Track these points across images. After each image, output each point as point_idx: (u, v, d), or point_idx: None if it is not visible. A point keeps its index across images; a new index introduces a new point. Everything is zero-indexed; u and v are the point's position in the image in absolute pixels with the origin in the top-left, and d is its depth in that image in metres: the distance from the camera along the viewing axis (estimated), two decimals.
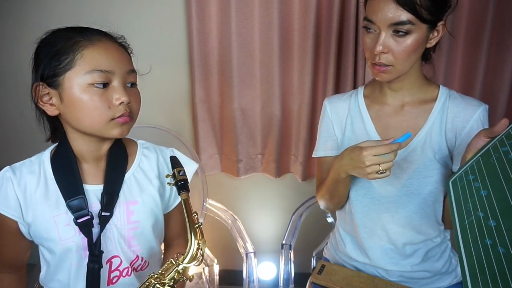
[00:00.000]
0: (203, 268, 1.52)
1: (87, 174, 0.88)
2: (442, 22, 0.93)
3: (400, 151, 1.01)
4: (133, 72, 0.84)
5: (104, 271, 0.87)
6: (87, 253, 0.84)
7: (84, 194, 0.85)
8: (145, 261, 0.95)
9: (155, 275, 0.80)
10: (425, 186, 1.01)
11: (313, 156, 1.18)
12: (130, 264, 0.92)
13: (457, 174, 0.78)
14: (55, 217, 0.85)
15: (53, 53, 0.78)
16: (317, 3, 1.50)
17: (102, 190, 0.88)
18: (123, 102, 0.80)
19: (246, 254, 1.32)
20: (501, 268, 0.50)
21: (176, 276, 0.79)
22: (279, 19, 1.54)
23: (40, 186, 0.86)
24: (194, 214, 0.81)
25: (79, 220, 0.84)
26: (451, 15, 0.96)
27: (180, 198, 0.84)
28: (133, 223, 0.90)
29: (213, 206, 1.56)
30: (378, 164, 0.87)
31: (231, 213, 1.51)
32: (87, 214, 0.84)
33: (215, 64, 1.64)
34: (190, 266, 0.80)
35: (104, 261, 0.87)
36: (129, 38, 0.89)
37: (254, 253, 1.32)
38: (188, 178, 0.97)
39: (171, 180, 0.87)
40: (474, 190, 0.68)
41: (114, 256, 0.89)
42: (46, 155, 0.90)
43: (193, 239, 0.79)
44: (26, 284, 0.99)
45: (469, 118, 0.98)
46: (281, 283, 1.26)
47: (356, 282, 1.05)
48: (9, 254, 0.92)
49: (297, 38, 1.58)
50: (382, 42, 0.90)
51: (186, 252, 0.79)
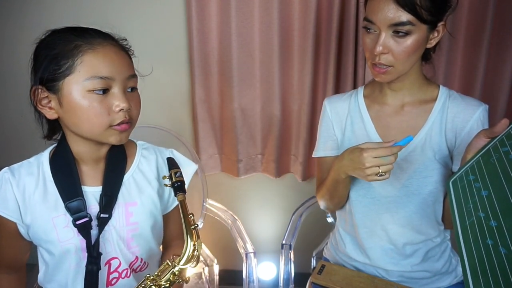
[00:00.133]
0: (203, 268, 1.52)
1: (85, 176, 0.88)
2: (442, 23, 0.93)
3: (400, 151, 1.01)
4: (133, 77, 0.83)
5: (103, 272, 0.87)
6: (86, 254, 0.84)
7: (83, 196, 0.85)
8: (144, 262, 0.94)
9: (151, 277, 0.79)
10: (425, 186, 1.01)
11: (313, 156, 1.18)
12: (129, 266, 0.91)
13: (457, 174, 0.78)
14: (54, 218, 0.84)
15: (52, 56, 0.76)
16: (317, 3, 1.49)
17: (100, 192, 0.87)
18: (123, 109, 0.78)
19: (246, 254, 1.32)
20: (503, 268, 0.49)
21: (172, 277, 0.79)
22: (279, 19, 1.54)
23: (38, 188, 0.86)
24: (191, 216, 0.81)
25: (78, 222, 0.83)
26: (451, 15, 0.96)
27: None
28: (132, 224, 0.90)
29: (213, 206, 1.56)
30: (378, 166, 0.87)
31: (231, 213, 1.51)
32: (86, 216, 0.84)
33: (215, 64, 1.64)
34: (186, 268, 0.79)
35: (103, 262, 0.86)
36: (129, 38, 0.88)
37: (254, 253, 1.32)
38: (188, 179, 0.96)
39: (168, 181, 0.86)
40: (474, 190, 0.68)
41: (113, 258, 0.89)
42: (45, 156, 0.89)
43: (189, 241, 0.79)
44: (26, 284, 0.98)
45: (469, 118, 0.98)
46: (281, 283, 1.26)
47: (356, 282, 1.05)
48: (9, 255, 0.91)
49: (297, 38, 1.58)
50: (382, 43, 0.90)
51: (182, 253, 0.79)
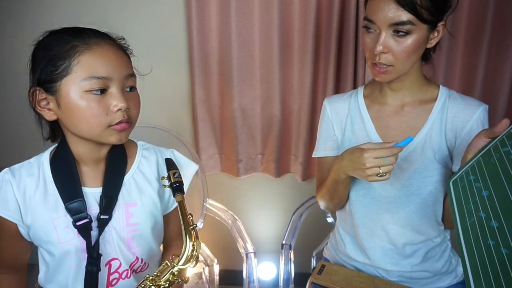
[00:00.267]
0: (203, 268, 1.52)
1: (86, 177, 0.88)
2: (442, 23, 0.93)
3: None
4: (132, 76, 0.82)
5: (103, 273, 0.86)
6: (86, 255, 0.84)
7: (83, 197, 0.85)
8: (145, 262, 0.94)
9: (151, 277, 0.79)
10: (425, 186, 1.01)
11: (313, 156, 1.18)
12: (130, 266, 0.91)
13: (458, 174, 0.78)
14: (54, 219, 0.84)
15: (49, 57, 0.76)
16: (317, 3, 1.49)
17: (101, 193, 0.87)
18: (121, 109, 0.78)
19: (246, 254, 1.32)
20: (504, 269, 0.49)
21: (171, 278, 0.79)
22: (279, 19, 1.54)
23: (39, 189, 0.85)
24: (189, 216, 0.81)
25: (78, 223, 0.83)
26: (451, 15, 0.96)
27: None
28: (133, 225, 0.90)
29: (213, 206, 1.56)
30: (378, 167, 0.87)
31: (231, 213, 1.51)
32: (86, 217, 0.84)
33: (215, 64, 1.64)
34: (185, 268, 0.79)
35: (103, 263, 0.86)
36: (129, 38, 0.87)
37: (254, 253, 1.32)
38: (189, 179, 0.96)
39: (166, 182, 0.86)
40: (475, 190, 0.67)
41: (113, 259, 0.89)
42: (45, 157, 0.89)
43: (188, 241, 0.78)
44: (26, 284, 0.98)
45: (469, 118, 0.98)
46: (281, 283, 1.26)
47: (356, 282, 1.05)
48: (9, 255, 0.91)
49: (297, 38, 1.58)
50: (382, 42, 0.90)
51: (181, 254, 0.79)
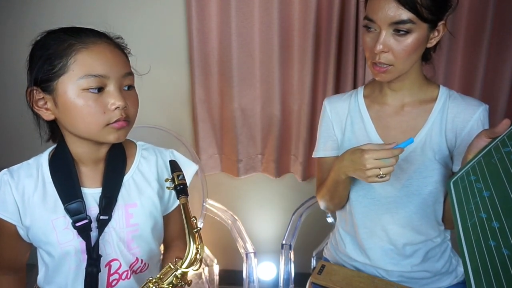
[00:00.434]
0: (203, 268, 1.52)
1: (85, 177, 0.87)
2: (442, 22, 0.93)
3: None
4: (129, 74, 0.82)
5: (103, 274, 0.86)
6: (86, 256, 0.84)
7: (82, 198, 0.84)
8: (145, 263, 0.94)
9: (154, 280, 0.79)
10: (425, 187, 1.01)
11: (313, 156, 1.18)
12: (130, 267, 0.91)
13: (458, 175, 0.78)
14: (53, 220, 0.84)
15: (46, 56, 0.76)
16: (317, 3, 1.49)
17: (100, 194, 0.87)
18: (119, 107, 0.77)
19: (246, 254, 1.32)
20: (506, 270, 0.49)
21: (174, 280, 0.79)
22: (279, 19, 1.54)
23: (38, 190, 0.85)
24: (193, 219, 0.80)
25: (77, 224, 0.83)
26: (451, 15, 0.96)
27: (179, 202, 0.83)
28: (132, 226, 0.89)
29: (213, 206, 1.56)
30: (378, 168, 0.87)
31: (231, 213, 1.50)
32: (85, 218, 0.84)
33: (215, 64, 1.64)
34: (188, 271, 0.79)
35: (103, 264, 0.86)
36: (129, 38, 0.87)
37: (254, 253, 1.32)
38: (189, 180, 0.96)
39: (170, 184, 0.86)
40: (476, 191, 0.67)
41: (113, 260, 0.89)
42: (44, 158, 0.89)
43: (191, 244, 0.78)
44: (26, 285, 0.98)
45: (469, 118, 0.98)
46: (281, 283, 1.26)
47: (356, 282, 1.05)
48: (8, 256, 0.91)
49: (297, 38, 1.58)
50: (383, 41, 0.90)
51: (185, 257, 0.78)
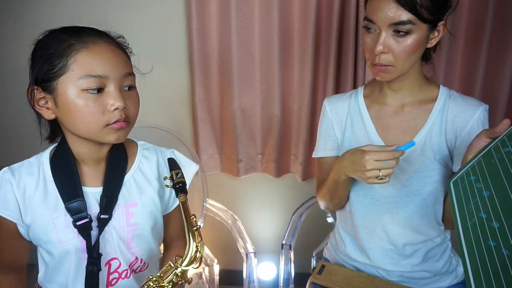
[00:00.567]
0: (203, 268, 1.52)
1: (86, 176, 0.87)
2: (442, 22, 0.93)
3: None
4: (130, 75, 0.81)
5: (103, 273, 0.86)
6: (86, 255, 0.84)
7: (83, 197, 0.84)
8: (144, 262, 0.94)
9: (154, 278, 0.79)
10: (425, 187, 1.01)
11: (313, 156, 1.18)
12: (129, 266, 0.91)
13: (458, 175, 0.78)
14: (54, 219, 0.84)
15: (46, 56, 0.76)
16: (317, 3, 1.49)
17: (101, 193, 0.87)
18: (118, 108, 0.77)
19: (246, 254, 1.32)
20: (506, 270, 0.49)
21: (174, 279, 0.79)
22: (279, 19, 1.54)
23: (39, 188, 0.85)
24: (193, 217, 0.80)
25: (78, 223, 0.83)
26: (451, 15, 0.96)
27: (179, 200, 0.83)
28: (133, 225, 0.89)
29: (213, 206, 1.56)
30: (378, 170, 0.87)
31: (231, 213, 1.50)
32: (86, 217, 0.84)
33: (215, 64, 1.64)
34: (188, 269, 0.79)
35: (103, 263, 0.86)
36: (129, 38, 0.87)
37: (254, 253, 1.32)
38: (189, 180, 0.96)
39: (169, 182, 0.86)
40: (476, 191, 0.67)
41: (113, 258, 0.89)
42: (45, 156, 0.89)
43: (191, 242, 0.78)
44: (26, 284, 0.98)
45: (469, 118, 0.98)
46: (281, 283, 1.26)
47: (356, 282, 1.05)
48: (9, 255, 0.91)
49: (297, 38, 1.58)
50: (383, 42, 0.90)
51: (185, 255, 0.78)
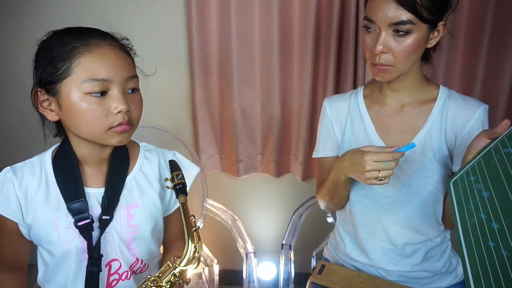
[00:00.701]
0: (203, 268, 1.52)
1: (88, 177, 0.88)
2: (442, 22, 0.93)
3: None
4: (133, 77, 0.81)
5: (103, 274, 0.86)
6: (87, 256, 0.84)
7: (85, 197, 0.84)
8: (145, 263, 0.94)
9: (152, 278, 0.79)
10: (425, 187, 1.01)
11: (313, 156, 1.18)
12: (130, 268, 0.91)
13: (458, 175, 0.78)
14: (56, 219, 0.84)
15: (50, 58, 0.76)
16: (317, 3, 1.49)
17: (103, 194, 0.87)
18: (121, 111, 0.77)
19: (246, 254, 1.32)
20: (505, 271, 0.49)
21: (172, 279, 0.79)
22: (279, 19, 1.54)
23: (41, 188, 0.85)
24: (192, 218, 0.81)
25: (79, 223, 0.83)
26: (451, 15, 0.96)
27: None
28: (133, 226, 0.90)
29: (213, 206, 1.56)
30: (378, 171, 0.87)
31: (231, 213, 1.50)
32: (88, 218, 0.84)
33: (215, 64, 1.64)
34: (187, 269, 0.79)
35: (103, 264, 0.86)
36: (128, 38, 0.87)
37: (254, 253, 1.32)
38: (190, 181, 0.96)
39: (169, 183, 0.86)
40: (475, 191, 0.67)
41: (113, 260, 0.89)
42: (47, 156, 0.89)
43: (190, 243, 0.78)
44: (27, 284, 0.98)
45: (469, 118, 0.98)
46: (281, 283, 1.26)
47: (356, 282, 1.05)
48: (9, 255, 0.91)
49: (297, 38, 1.58)
50: (382, 42, 0.90)
51: (183, 255, 0.79)
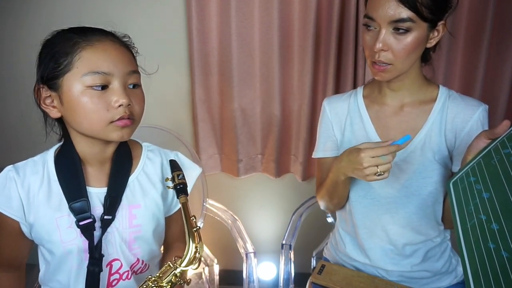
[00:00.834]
0: (203, 268, 1.52)
1: (91, 177, 0.88)
2: (442, 22, 0.93)
3: (399, 152, 1.01)
4: (135, 73, 0.82)
5: (104, 274, 0.86)
6: (88, 255, 0.84)
7: (87, 197, 0.85)
8: (145, 264, 0.94)
9: (153, 278, 0.79)
10: (424, 187, 1.01)
11: (312, 157, 1.18)
12: (130, 268, 0.91)
13: (458, 175, 0.78)
14: (57, 219, 0.84)
15: (52, 54, 0.77)
16: (317, 3, 1.49)
17: (105, 193, 0.87)
18: (122, 105, 0.77)
19: (246, 254, 1.32)
20: (505, 272, 0.49)
21: (173, 279, 0.79)
22: (279, 19, 1.54)
23: (43, 187, 0.85)
24: (193, 218, 0.81)
25: (81, 223, 0.83)
26: (451, 15, 0.96)
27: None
28: (135, 226, 0.90)
29: (213, 206, 1.56)
30: (376, 166, 0.87)
31: (231, 213, 1.50)
32: (89, 217, 0.84)
33: (215, 64, 1.64)
34: (187, 270, 0.79)
35: (104, 264, 0.86)
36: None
37: (254, 253, 1.32)
38: (192, 182, 0.96)
39: (170, 183, 0.86)
40: (475, 192, 0.67)
41: (114, 259, 0.89)
42: (50, 155, 0.89)
43: (191, 243, 0.78)
44: (25, 284, 0.98)
45: (469, 119, 0.98)
46: (281, 283, 1.26)
47: (356, 282, 1.05)
48: (9, 253, 0.91)
49: (297, 38, 1.58)
50: (382, 40, 0.90)
51: (184, 255, 0.79)
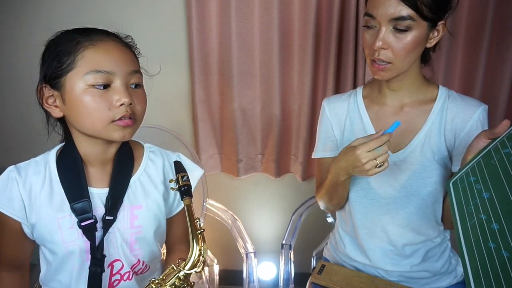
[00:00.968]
0: (203, 268, 1.52)
1: (92, 177, 0.88)
2: (442, 22, 0.93)
3: (399, 153, 1.01)
4: (137, 73, 0.82)
5: (105, 274, 0.86)
6: (89, 256, 0.84)
7: (89, 197, 0.85)
8: (146, 265, 0.94)
9: (156, 281, 0.79)
10: (424, 187, 1.01)
11: (312, 157, 1.18)
12: (131, 268, 0.91)
13: (458, 175, 0.78)
14: (59, 219, 0.84)
15: (55, 54, 0.77)
16: (317, 3, 1.49)
17: (107, 194, 0.87)
18: (124, 104, 0.78)
19: (246, 254, 1.32)
20: (506, 272, 0.49)
21: (177, 282, 0.79)
22: (279, 19, 1.54)
23: (45, 188, 0.85)
24: (197, 220, 0.80)
25: (83, 224, 0.83)
26: (451, 15, 0.96)
27: (183, 204, 0.83)
28: (137, 227, 0.90)
29: (213, 206, 1.55)
30: (374, 159, 0.87)
31: (231, 213, 1.50)
32: (91, 218, 0.84)
33: (215, 64, 1.64)
34: (191, 273, 0.79)
35: (105, 264, 0.86)
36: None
37: (254, 253, 1.32)
38: (194, 184, 0.96)
39: (174, 185, 0.86)
40: (475, 192, 0.67)
41: (115, 260, 0.89)
42: (52, 156, 0.89)
43: (195, 246, 0.78)
44: (29, 283, 0.98)
45: (469, 119, 0.98)
46: (281, 283, 1.26)
47: (356, 282, 1.05)
48: (12, 254, 0.91)
49: (297, 38, 1.58)
50: (382, 38, 0.90)
51: (188, 258, 0.78)
